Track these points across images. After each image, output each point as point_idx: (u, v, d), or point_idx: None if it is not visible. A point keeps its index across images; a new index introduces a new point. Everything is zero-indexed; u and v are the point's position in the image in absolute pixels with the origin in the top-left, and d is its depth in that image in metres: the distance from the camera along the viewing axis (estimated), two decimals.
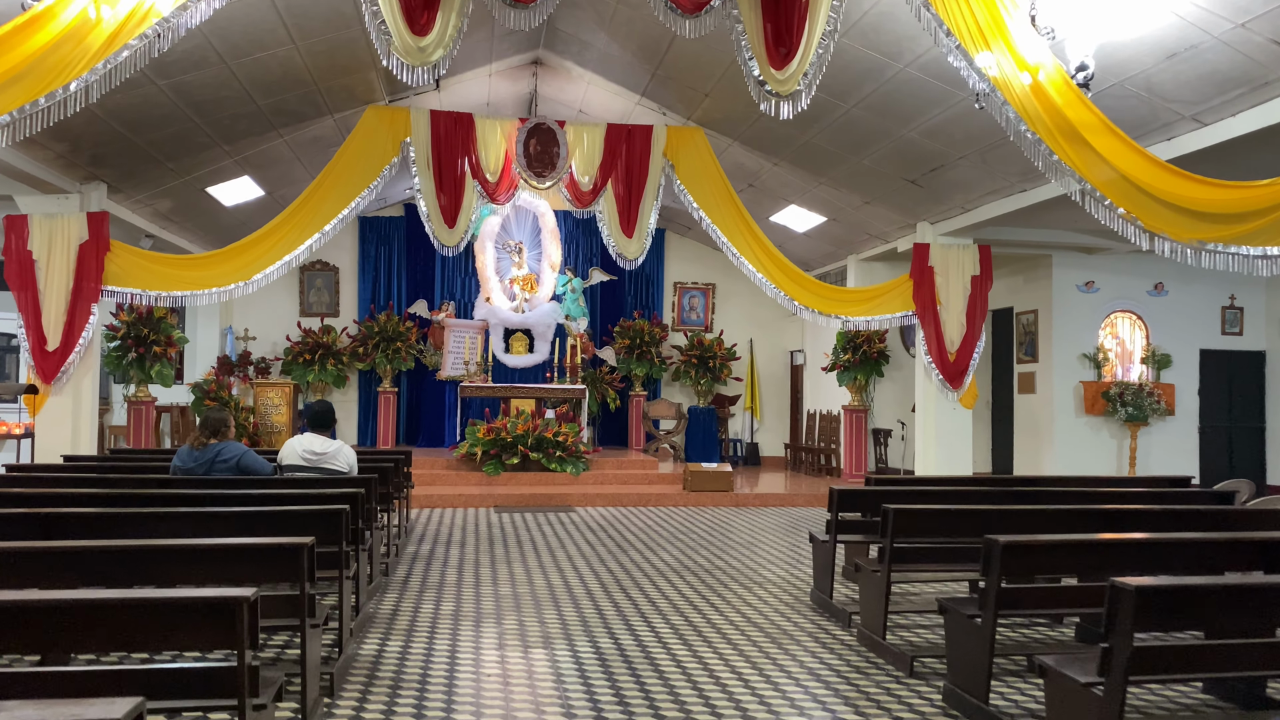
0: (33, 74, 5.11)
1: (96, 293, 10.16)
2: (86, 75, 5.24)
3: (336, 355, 15.65)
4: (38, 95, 5.16)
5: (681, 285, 17.52)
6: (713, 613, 6.28)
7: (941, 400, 11.81)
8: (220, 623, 2.96)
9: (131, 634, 2.99)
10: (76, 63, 5.20)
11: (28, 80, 5.10)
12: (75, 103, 5.34)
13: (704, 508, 11.99)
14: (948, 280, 11.73)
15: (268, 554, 3.79)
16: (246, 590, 2.99)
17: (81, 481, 6.33)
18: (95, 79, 5.29)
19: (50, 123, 5.33)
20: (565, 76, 11.91)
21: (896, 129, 9.69)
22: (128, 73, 5.44)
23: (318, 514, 4.84)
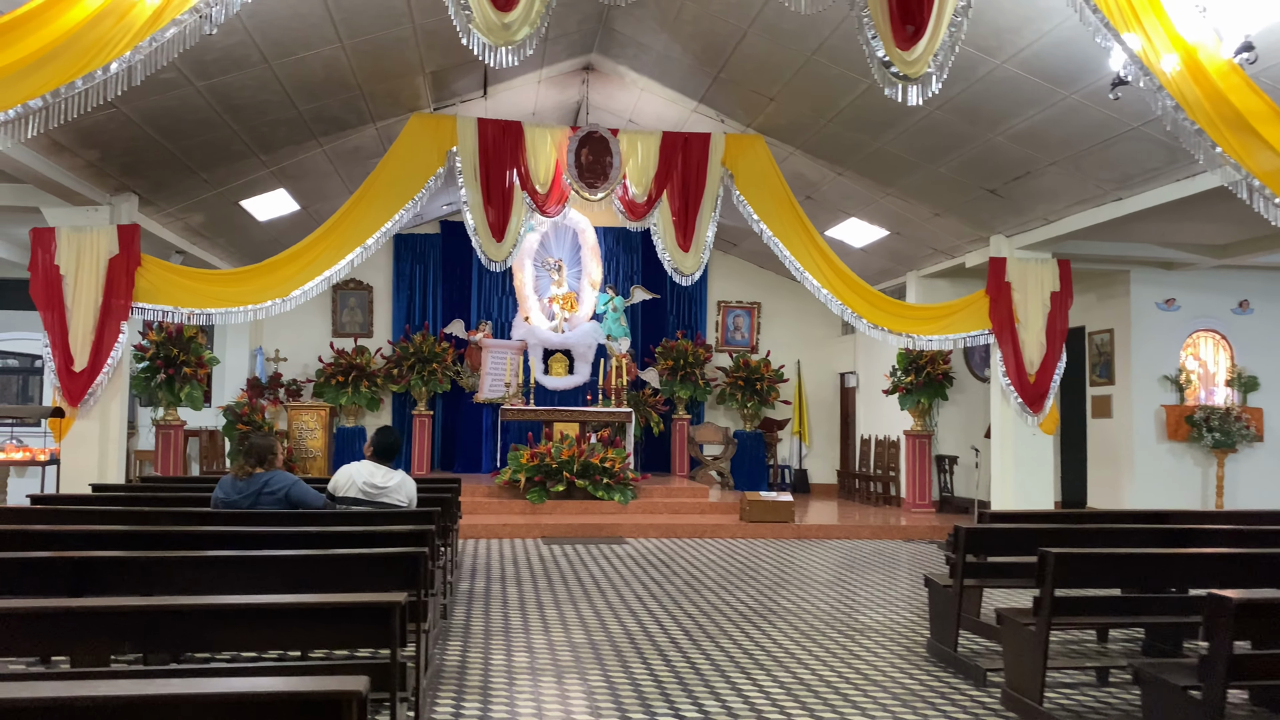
0: (68, 52, 4.50)
1: (126, 310, 9.57)
2: (129, 55, 4.63)
3: (370, 377, 15.03)
4: (74, 77, 4.54)
5: (725, 304, 16.85)
6: (820, 666, 5.54)
7: (1020, 425, 11.05)
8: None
9: None
10: (118, 41, 4.60)
11: (63, 59, 4.49)
12: (116, 85, 4.72)
13: (764, 540, 11.23)
14: (1026, 297, 11.01)
15: (350, 614, 3.10)
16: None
17: (113, 516, 5.67)
18: (139, 59, 4.68)
19: (89, 106, 4.71)
20: (617, 83, 11.30)
21: (982, 133, 9.01)
22: (175, 51, 4.82)
23: (391, 558, 4.16)
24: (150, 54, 4.69)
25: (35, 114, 4.55)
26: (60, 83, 4.50)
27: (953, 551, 5.68)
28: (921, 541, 11.47)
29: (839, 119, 9.82)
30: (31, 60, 4.39)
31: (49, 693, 2.01)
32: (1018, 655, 4.72)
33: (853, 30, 8.03)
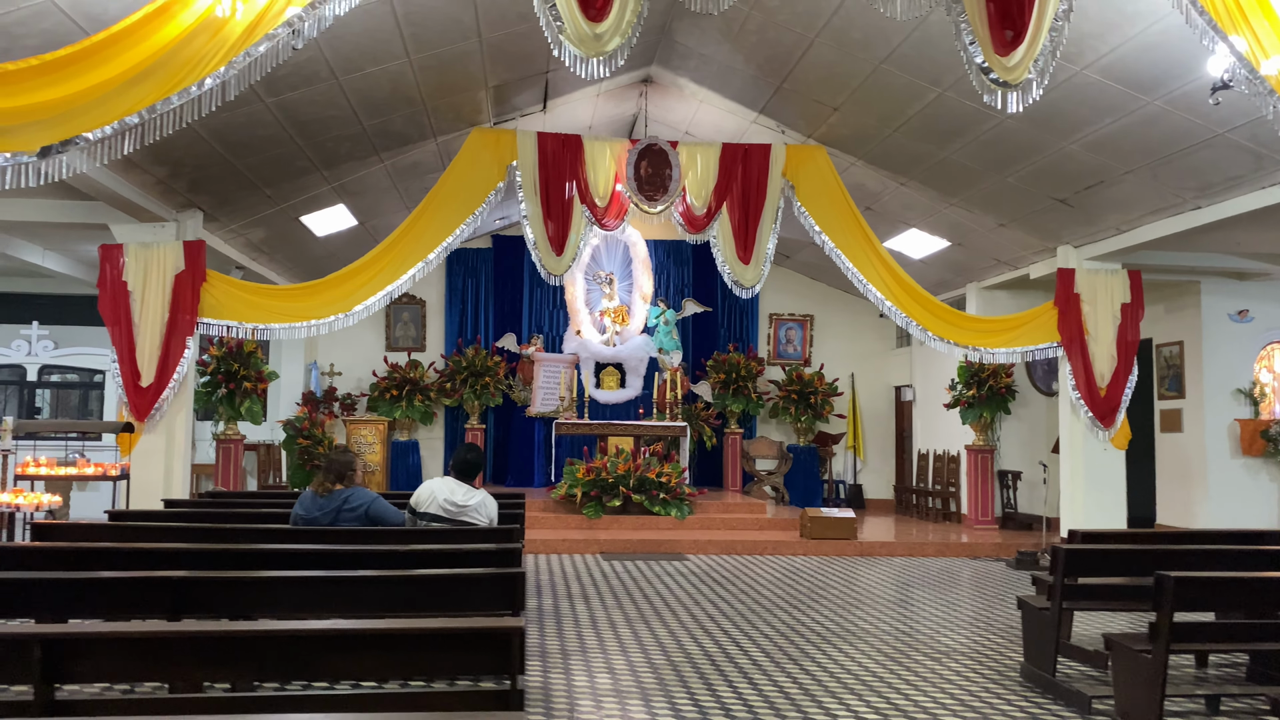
0: (164, 68, 4.49)
1: (192, 325, 9.62)
2: (223, 70, 4.62)
3: (424, 391, 15.04)
4: (169, 92, 4.54)
5: (777, 317, 16.68)
6: (912, 691, 5.36)
7: (1090, 440, 10.77)
8: None
9: None
10: (211, 57, 4.58)
11: (159, 75, 4.49)
12: (210, 101, 4.71)
13: (827, 557, 11.03)
14: (1095, 309, 10.74)
15: (467, 640, 2.99)
16: None
17: (193, 533, 5.64)
18: (233, 74, 4.67)
19: (184, 122, 4.70)
20: (675, 95, 11.23)
21: (1055, 142, 8.80)
22: (268, 66, 4.81)
23: (489, 579, 4.07)
24: (243, 70, 4.68)
25: (130, 130, 4.56)
26: (155, 99, 4.50)
27: (1049, 573, 5.48)
28: (987, 559, 11.21)
29: (905, 129, 9.66)
30: (128, 77, 4.40)
31: None
32: (1131, 683, 4.52)
33: (924, 39, 7.97)
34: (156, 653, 2.90)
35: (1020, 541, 11.70)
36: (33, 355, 14.09)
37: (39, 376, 14.29)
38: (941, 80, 8.49)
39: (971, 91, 8.46)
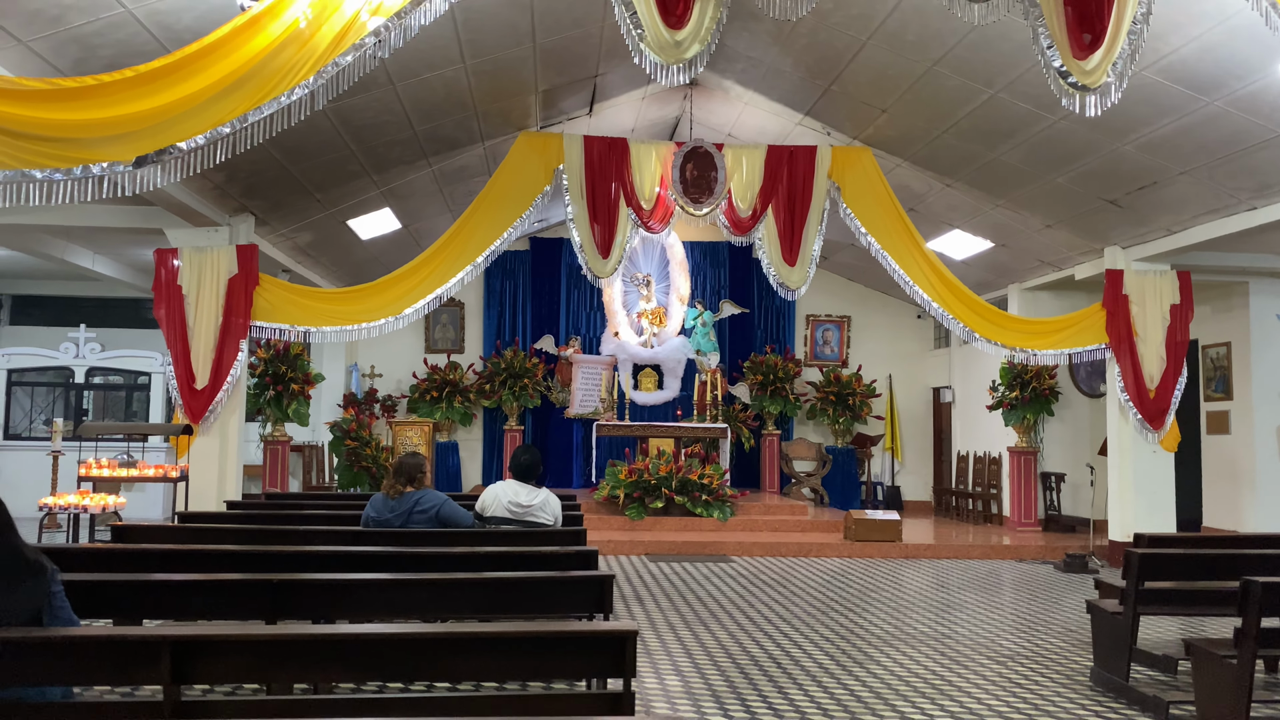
0: (255, 79, 4.57)
1: (245, 328, 9.72)
2: (311, 80, 4.69)
3: (463, 392, 15.14)
4: (260, 102, 4.61)
5: (814, 318, 16.65)
6: (985, 695, 5.36)
7: (1140, 442, 10.69)
8: None
9: None
10: (300, 67, 4.66)
11: (250, 86, 4.56)
12: (299, 111, 4.79)
13: (871, 559, 11.02)
14: (1144, 310, 10.67)
15: (583, 643, 3.03)
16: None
17: (268, 535, 5.72)
18: (321, 84, 4.74)
19: (273, 133, 4.78)
20: (720, 98, 11.25)
21: (1109, 143, 8.75)
22: (355, 76, 4.88)
23: (578, 581, 4.11)
24: (330, 79, 4.75)
25: (221, 141, 4.64)
26: (246, 109, 4.58)
27: (1122, 576, 5.45)
28: (1032, 561, 11.16)
29: (954, 130, 9.64)
30: (219, 88, 4.47)
31: None
32: (1213, 688, 4.50)
33: (979, 40, 7.95)
34: (277, 654, 2.95)
35: (1064, 544, 11.64)
36: (80, 358, 14.28)
37: (86, 379, 14.48)
38: (994, 81, 8.47)
39: (1025, 93, 8.52)
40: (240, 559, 4.62)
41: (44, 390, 14.68)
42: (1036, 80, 8.18)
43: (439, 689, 3.86)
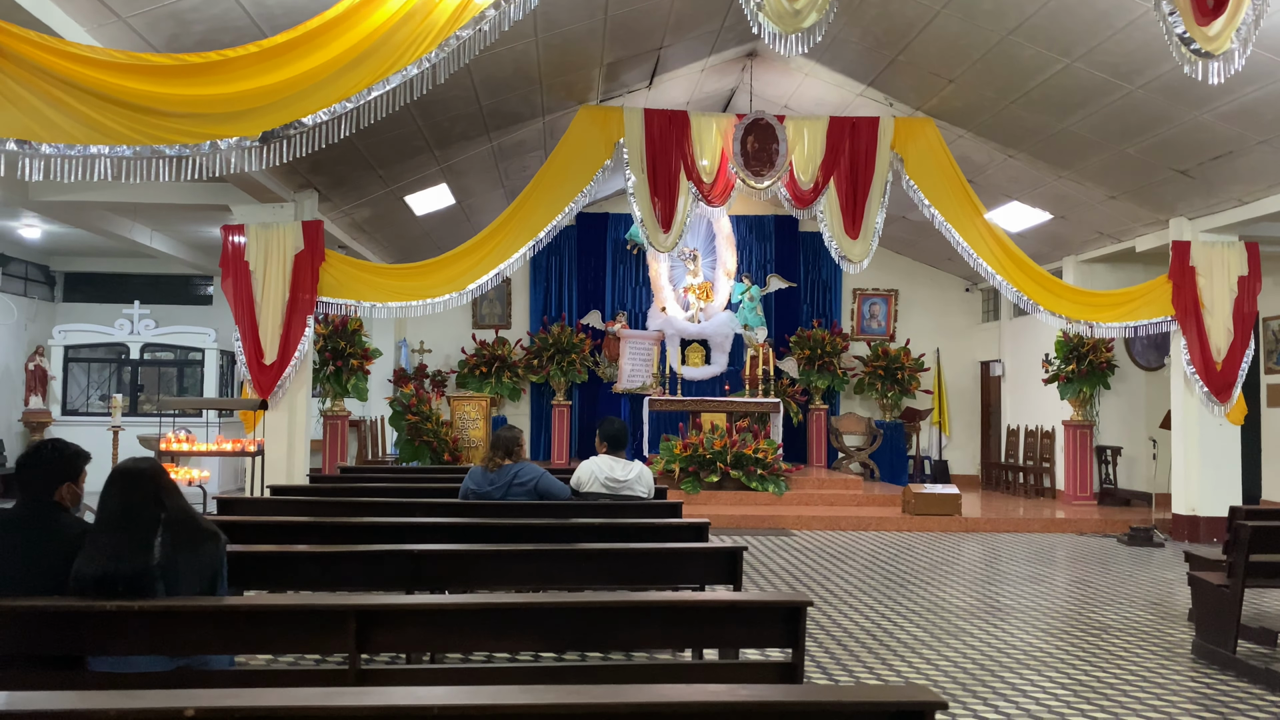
0: (378, 53, 4.56)
1: (312, 304, 9.78)
2: (434, 54, 4.68)
3: (512, 368, 15.20)
4: (382, 76, 4.61)
5: (861, 292, 16.57)
6: (1089, 668, 5.36)
7: (1206, 415, 10.60)
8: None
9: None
10: (422, 40, 4.64)
11: (373, 60, 4.56)
12: (419, 86, 4.78)
13: (932, 533, 11.01)
14: (1211, 282, 10.54)
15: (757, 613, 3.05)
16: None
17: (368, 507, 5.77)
18: (443, 57, 4.73)
19: (395, 107, 4.78)
20: (780, 69, 11.15)
21: (1186, 112, 8.62)
22: (475, 50, 4.87)
23: (713, 553, 4.13)
24: (453, 53, 4.74)
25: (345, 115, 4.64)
26: (370, 83, 4.58)
27: (1227, 551, 5.43)
28: (1092, 535, 11.12)
29: (1024, 100, 9.52)
30: (343, 62, 4.47)
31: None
32: None
33: (1060, 8, 7.83)
34: (454, 623, 2.99)
35: (1122, 518, 11.60)
36: (135, 334, 14.41)
37: (141, 355, 14.62)
38: (1072, 50, 8.34)
39: (1103, 62, 8.40)
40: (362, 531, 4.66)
41: (99, 366, 14.83)
42: (1116, 48, 8.11)
43: (592, 658, 3.90)
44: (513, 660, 3.98)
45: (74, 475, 3.30)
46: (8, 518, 3.22)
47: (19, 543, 3.13)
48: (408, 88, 4.77)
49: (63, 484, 3.27)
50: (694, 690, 2.13)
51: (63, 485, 3.27)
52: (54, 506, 3.24)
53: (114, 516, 3.00)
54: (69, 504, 3.30)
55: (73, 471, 3.31)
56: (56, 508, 3.24)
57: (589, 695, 2.03)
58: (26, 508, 3.25)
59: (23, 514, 3.23)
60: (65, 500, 3.26)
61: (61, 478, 3.28)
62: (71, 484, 3.28)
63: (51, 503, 3.23)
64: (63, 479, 3.28)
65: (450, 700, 1.93)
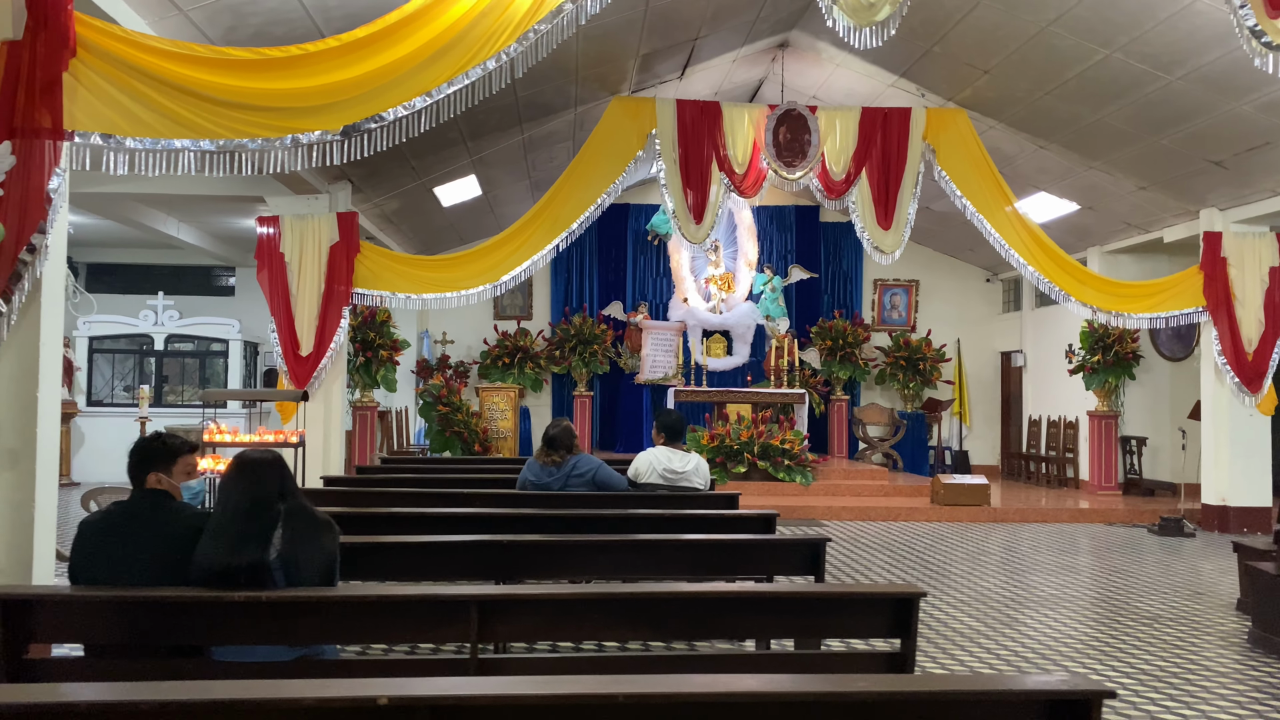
0: (458, 46, 4.57)
1: (348, 295, 9.80)
2: (513, 46, 4.69)
3: (534, 358, 15.24)
4: (461, 70, 4.61)
5: (882, 282, 16.59)
6: (1151, 656, 5.40)
7: (1236, 406, 10.62)
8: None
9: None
10: (500, 33, 4.65)
11: (453, 53, 4.56)
12: (497, 79, 4.80)
13: (963, 523, 11.06)
14: (1243, 272, 10.55)
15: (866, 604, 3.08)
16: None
17: (432, 498, 5.80)
18: (521, 50, 4.74)
19: (474, 102, 4.79)
20: (811, 59, 11.15)
21: (1225, 103, 8.63)
22: (554, 43, 4.89)
23: (797, 544, 4.16)
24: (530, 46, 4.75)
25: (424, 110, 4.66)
26: (449, 76, 4.59)
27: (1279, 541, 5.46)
28: (1121, 525, 11.16)
29: (1059, 91, 9.52)
30: (424, 55, 4.47)
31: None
32: None
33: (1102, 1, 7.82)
34: (570, 613, 3.03)
35: (1148, 508, 11.64)
36: (159, 325, 14.44)
37: (165, 346, 14.65)
38: (1112, 41, 8.35)
39: (1143, 53, 8.40)
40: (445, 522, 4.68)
41: (123, 358, 14.87)
42: (1156, 39, 8.11)
43: (700, 646, 3.94)
44: (623, 649, 4.02)
45: (160, 464, 3.32)
46: (121, 509, 3.26)
47: (130, 532, 3.18)
48: (486, 82, 4.78)
49: (149, 473, 3.31)
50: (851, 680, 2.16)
51: (150, 474, 3.30)
52: (158, 495, 3.27)
53: (238, 507, 3.03)
54: (169, 492, 3.33)
55: (159, 461, 3.33)
56: (161, 496, 3.28)
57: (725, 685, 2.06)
58: (134, 498, 3.30)
59: (132, 504, 3.27)
60: (160, 487, 3.29)
61: (148, 466, 3.31)
62: (160, 473, 3.31)
63: (152, 491, 3.27)
64: (149, 468, 3.31)
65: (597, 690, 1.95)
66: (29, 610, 2.87)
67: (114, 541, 3.16)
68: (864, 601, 3.04)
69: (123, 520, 3.23)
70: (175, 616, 2.91)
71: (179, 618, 2.91)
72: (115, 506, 3.28)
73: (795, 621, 3.09)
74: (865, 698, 1.95)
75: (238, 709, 1.87)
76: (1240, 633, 5.92)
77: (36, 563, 4.19)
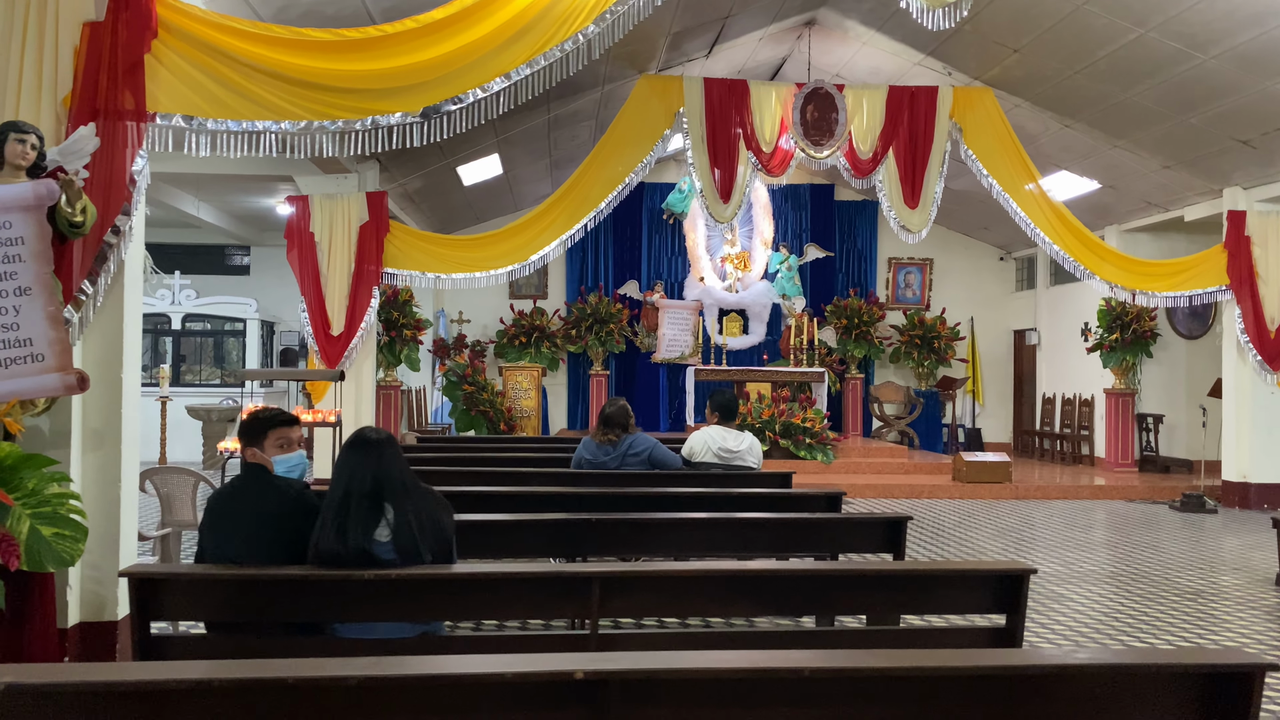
0: (537, 27, 4.57)
1: (378, 275, 9.82)
2: (591, 28, 4.69)
3: (550, 337, 15.26)
4: (541, 50, 4.62)
5: (896, 261, 16.62)
6: (1203, 630, 5.50)
7: (1258, 383, 10.72)
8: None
9: None
10: (578, 15, 4.65)
11: (532, 35, 4.56)
12: (575, 61, 4.80)
13: (985, 500, 11.17)
14: (1266, 251, 10.62)
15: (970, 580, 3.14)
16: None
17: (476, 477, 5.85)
18: (599, 31, 4.74)
19: (551, 83, 4.79)
20: (839, 37, 11.13)
21: (1257, 82, 8.66)
22: (630, 24, 4.89)
23: (875, 523, 4.23)
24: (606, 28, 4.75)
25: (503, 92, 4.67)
26: (528, 58, 4.59)
27: None
28: (1141, 502, 11.27)
29: (1089, 70, 9.54)
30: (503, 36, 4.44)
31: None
32: None
33: None
34: (680, 589, 3.08)
35: (1165, 484, 11.77)
36: (176, 304, 14.42)
37: (182, 325, 14.63)
38: (1147, 20, 8.36)
39: (1178, 32, 8.41)
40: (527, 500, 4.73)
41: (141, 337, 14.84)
42: (1193, 18, 8.13)
43: (801, 623, 4.00)
44: (729, 625, 4.09)
45: (253, 438, 3.38)
46: (230, 484, 3.32)
47: (232, 507, 3.24)
48: (562, 64, 4.78)
49: (248, 448, 3.37)
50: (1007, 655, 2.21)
51: (247, 449, 3.37)
52: (253, 469, 3.34)
53: (359, 486, 3.07)
54: (264, 465, 3.37)
55: (251, 435, 3.39)
56: (256, 470, 3.33)
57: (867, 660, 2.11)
58: (241, 473, 3.37)
59: (240, 480, 3.34)
60: (255, 461, 3.35)
61: (244, 442, 3.38)
62: (253, 447, 3.36)
63: (249, 465, 3.34)
64: (246, 443, 3.38)
65: (785, 665, 2.01)
66: (156, 589, 2.91)
67: (223, 515, 3.23)
68: (975, 578, 3.11)
69: (229, 494, 3.29)
70: (300, 595, 2.96)
71: (304, 596, 2.96)
72: (230, 482, 3.35)
73: (906, 597, 3.15)
74: (1035, 670, 2.01)
75: (442, 684, 1.91)
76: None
77: (123, 542, 4.23)
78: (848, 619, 4.12)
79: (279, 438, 3.43)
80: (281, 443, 3.44)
